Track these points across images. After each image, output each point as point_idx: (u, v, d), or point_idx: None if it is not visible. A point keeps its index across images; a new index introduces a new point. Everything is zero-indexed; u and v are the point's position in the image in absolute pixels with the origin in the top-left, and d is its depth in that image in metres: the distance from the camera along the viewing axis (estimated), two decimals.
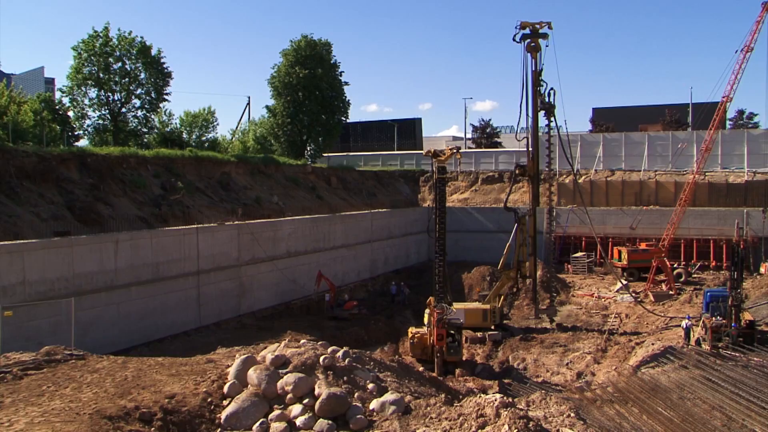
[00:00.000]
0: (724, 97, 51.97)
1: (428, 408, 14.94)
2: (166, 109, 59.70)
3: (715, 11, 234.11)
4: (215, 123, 65.04)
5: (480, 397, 14.99)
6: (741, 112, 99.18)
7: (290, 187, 54.20)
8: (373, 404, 15.09)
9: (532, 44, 42.06)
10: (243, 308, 41.24)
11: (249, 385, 15.58)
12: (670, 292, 52.09)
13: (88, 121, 51.91)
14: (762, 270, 57.11)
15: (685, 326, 38.76)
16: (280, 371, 15.77)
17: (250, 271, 41.84)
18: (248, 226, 41.99)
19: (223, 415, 14.66)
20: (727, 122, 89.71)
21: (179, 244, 36.52)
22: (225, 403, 15.22)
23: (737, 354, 30.82)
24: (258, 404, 14.84)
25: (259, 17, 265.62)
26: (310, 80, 63.27)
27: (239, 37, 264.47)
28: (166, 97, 54.11)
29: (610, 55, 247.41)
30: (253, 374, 15.63)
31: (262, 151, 64.99)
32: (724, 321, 33.68)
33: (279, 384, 15.26)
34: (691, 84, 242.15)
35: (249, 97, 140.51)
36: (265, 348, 18.95)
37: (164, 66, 53.03)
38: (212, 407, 15.05)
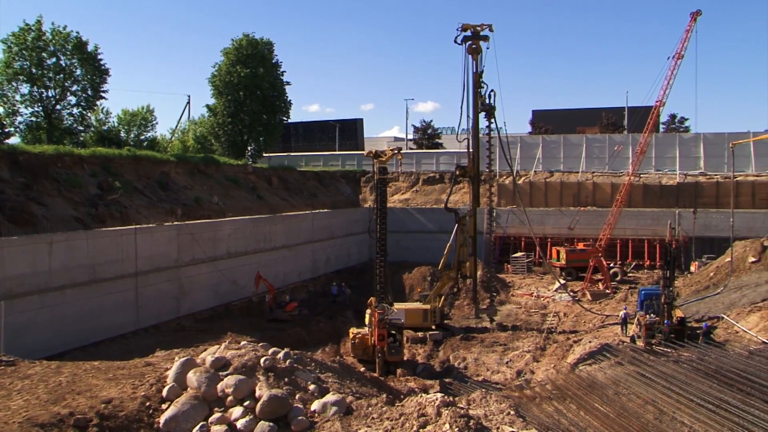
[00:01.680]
0: (657, 102, 53.51)
1: (370, 408, 14.96)
2: (103, 107, 58.44)
3: (649, 18, 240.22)
4: (154, 122, 63.77)
5: (421, 396, 15.09)
6: (673, 117, 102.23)
7: (231, 187, 53.61)
8: (315, 405, 15.06)
9: (473, 46, 42.42)
10: (183, 310, 40.63)
11: (188, 388, 15.37)
12: (607, 291, 53.23)
13: (19, 118, 50.28)
14: (692, 268, 58.82)
15: (622, 315, 40.30)
16: (221, 373, 15.60)
17: (189, 272, 41.25)
18: (188, 226, 41.40)
19: (162, 419, 14.43)
20: (661, 126, 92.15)
21: (117, 245, 35.77)
22: (164, 406, 14.97)
23: (669, 350, 31.75)
24: (198, 407, 14.66)
25: (200, 15, 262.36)
26: (251, 79, 62.66)
27: (179, 35, 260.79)
28: (103, 94, 52.82)
29: (549, 58, 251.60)
30: (192, 377, 15.43)
31: (202, 151, 64.13)
32: (657, 318, 34.63)
33: (219, 386, 15.10)
34: (627, 88, 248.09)
35: (189, 96, 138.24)
36: (205, 350, 18.71)
37: (101, 62, 51.77)
38: (151, 411, 14.80)
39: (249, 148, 67.96)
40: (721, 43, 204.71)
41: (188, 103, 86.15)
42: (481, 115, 43.14)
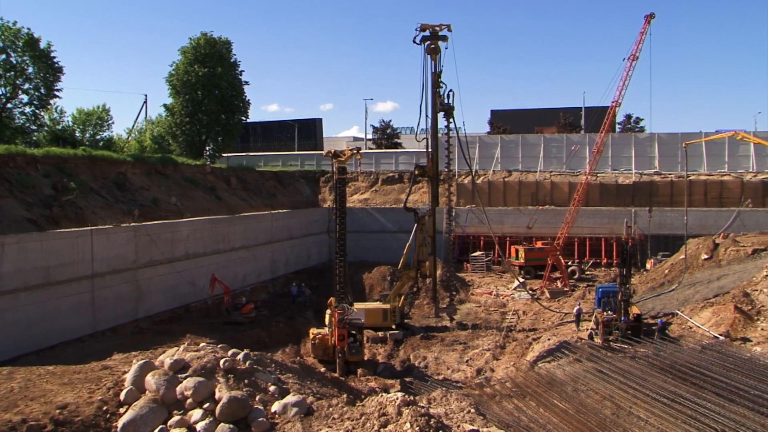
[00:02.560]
0: (613, 102, 54.32)
1: (330, 409, 14.97)
2: (57, 106, 57.37)
3: (606, 20, 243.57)
4: (110, 121, 62.69)
5: (382, 396, 15.13)
6: (629, 117, 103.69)
7: (189, 187, 53.03)
8: (275, 406, 15.02)
9: (432, 46, 42.57)
10: (140, 312, 40.07)
11: (147, 391, 15.23)
12: (565, 289, 53.88)
13: None
14: (648, 266, 59.87)
15: (576, 311, 41.39)
16: (180, 376, 15.48)
17: (147, 274, 40.70)
18: (145, 227, 40.87)
19: (120, 423, 14.27)
20: (617, 126, 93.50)
21: (72, 246, 35.11)
22: (121, 410, 14.80)
23: (626, 346, 32.25)
24: (156, 410, 14.52)
25: (157, 13, 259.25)
26: (209, 79, 62.04)
27: (136, 33, 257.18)
28: (56, 93, 51.91)
29: (507, 59, 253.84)
30: (151, 380, 15.27)
31: (159, 151, 63.31)
32: (614, 315, 35.13)
33: (178, 389, 14.98)
34: (584, 89, 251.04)
35: (146, 95, 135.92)
36: (164, 352, 18.55)
37: (54, 60, 50.84)
38: (108, 416, 14.61)
39: (207, 148, 67.32)
40: (674, 45, 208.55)
41: (145, 102, 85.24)
42: (440, 114, 43.31)
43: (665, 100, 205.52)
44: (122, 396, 15.19)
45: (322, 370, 31.50)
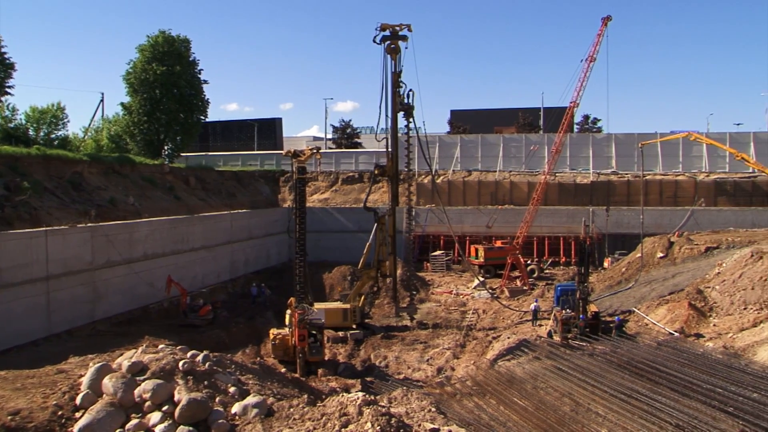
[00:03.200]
0: (571, 103, 54.96)
1: (291, 409, 14.91)
2: (9, 104, 56.15)
3: (564, 21, 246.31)
4: (65, 120, 61.42)
5: (342, 396, 15.12)
6: (587, 117, 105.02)
7: (147, 187, 52.36)
8: (235, 408, 14.92)
9: (392, 46, 42.60)
10: (98, 314, 39.41)
11: (104, 395, 15.00)
12: (524, 288, 54.36)
13: None
14: (606, 264, 60.74)
15: (533, 308, 42.25)
16: (138, 378, 15.29)
17: (104, 275, 40.05)
18: (102, 228, 40.23)
19: (76, 428, 14.01)
20: (575, 126, 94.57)
21: (26, 248, 34.38)
22: (77, 415, 14.55)
23: (584, 344, 32.68)
24: (114, 414, 14.30)
25: (113, 10, 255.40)
26: (167, 77, 61.27)
27: (92, 31, 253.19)
28: (8, 90, 50.89)
29: (467, 59, 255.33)
30: (108, 383, 15.05)
31: (117, 151, 62.38)
32: (572, 313, 35.57)
33: (136, 392, 14.79)
34: (543, 89, 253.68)
35: (103, 94, 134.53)
36: (122, 355, 18.31)
37: (5, 56, 49.80)
38: (63, 421, 14.35)
39: (166, 147, 66.51)
40: (630, 47, 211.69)
41: (102, 101, 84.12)
42: (400, 114, 43.38)
43: (622, 101, 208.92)
44: (78, 400, 14.93)
45: (283, 370, 31.34)
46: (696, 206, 66.64)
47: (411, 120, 43.42)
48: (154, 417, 14.26)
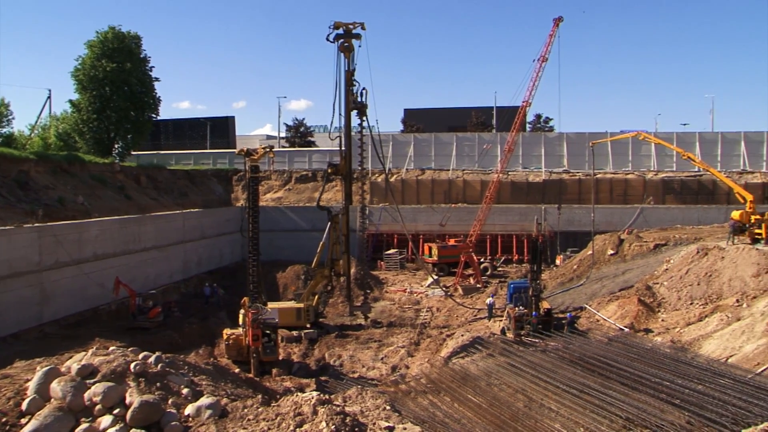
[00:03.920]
0: (524, 102, 55.53)
1: (245, 410, 14.81)
2: None
3: (517, 21, 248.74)
4: (10, 117, 60.31)
5: (297, 395, 15.06)
6: (539, 117, 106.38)
7: (97, 186, 51.45)
8: (189, 409, 14.76)
9: (346, 44, 42.51)
10: (45, 316, 38.56)
11: (52, 399, 14.66)
12: (478, 285, 54.76)
13: None
14: (558, 262, 61.47)
15: (488, 303, 42.90)
16: (88, 381, 15.00)
17: (53, 277, 39.22)
18: (50, 228, 39.39)
19: None
20: (527, 125, 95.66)
21: None
22: (23, 421, 14.20)
23: (537, 340, 33.08)
24: (62, 419, 13.99)
25: (60, 4, 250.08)
26: (117, 74, 60.27)
27: (38, 25, 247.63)
28: None
29: (420, 58, 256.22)
30: (56, 387, 14.72)
31: (65, 149, 61.18)
32: (525, 310, 35.97)
33: (86, 395, 14.51)
34: (496, 89, 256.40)
35: (50, 90, 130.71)
36: (71, 358, 17.97)
37: None
38: (7, 428, 13.98)
39: (116, 145, 65.48)
40: (581, 48, 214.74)
41: (49, 97, 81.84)
42: (354, 113, 43.33)
43: (573, 100, 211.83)
44: (24, 406, 14.57)
45: (237, 370, 31.09)
46: (645, 204, 68.04)
47: (364, 118, 43.38)
48: (105, 420, 14.01)
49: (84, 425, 13.94)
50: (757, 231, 41.49)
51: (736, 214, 43.58)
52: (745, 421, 18.34)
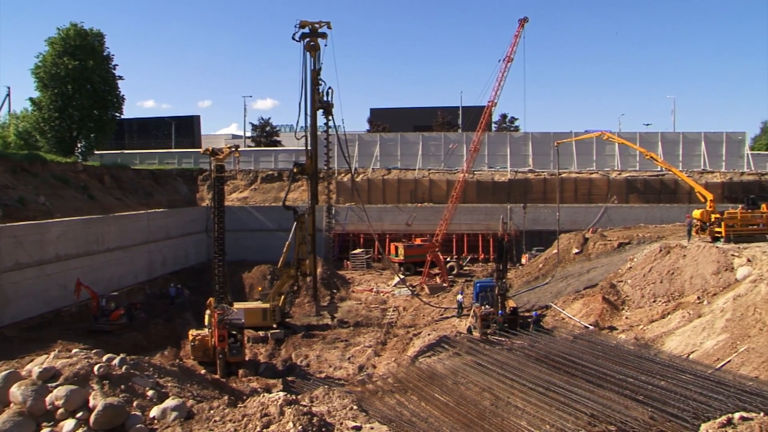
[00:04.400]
0: (489, 102, 55.96)
1: (211, 411, 14.70)
2: None
3: (482, 22, 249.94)
4: None
5: (264, 396, 14.99)
6: (504, 116, 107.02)
7: (59, 186, 50.67)
8: (154, 411, 14.59)
9: (312, 43, 42.44)
10: (5, 319, 37.82)
11: (12, 404, 14.36)
12: (444, 285, 55.00)
13: None
14: (523, 261, 61.98)
15: (459, 299, 43.45)
16: (49, 385, 14.73)
17: (13, 278, 38.52)
18: (10, 228, 38.71)
19: None
20: (493, 125, 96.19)
21: None
22: None
23: (503, 339, 33.25)
24: (22, 424, 13.70)
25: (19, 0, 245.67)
26: (80, 72, 59.44)
27: None
28: None
29: (387, 58, 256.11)
30: (16, 391, 14.41)
31: (25, 148, 60.22)
32: (491, 309, 36.15)
33: (48, 399, 14.24)
34: (462, 89, 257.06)
35: (9, 88, 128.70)
36: (32, 361, 17.69)
37: None
38: None
39: (79, 144, 64.59)
40: (547, 48, 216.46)
41: (8, 95, 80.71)
42: (319, 112, 43.29)
43: (539, 100, 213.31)
44: None
45: (203, 372, 30.90)
46: (609, 203, 68.92)
47: (330, 118, 43.40)
48: (68, 425, 13.77)
49: (45, 430, 13.70)
50: (717, 229, 42.20)
51: (697, 213, 44.29)
52: (705, 415, 18.61)
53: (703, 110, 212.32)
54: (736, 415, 16.35)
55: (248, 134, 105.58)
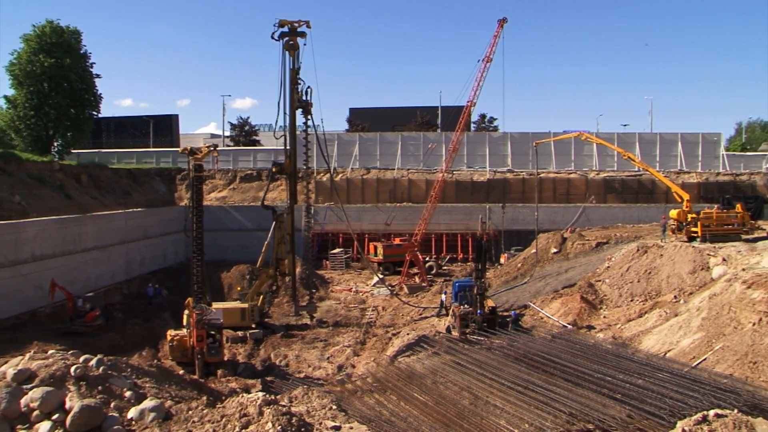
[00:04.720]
0: (468, 102, 56.16)
1: (190, 412, 14.65)
2: None
3: (462, 22, 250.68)
4: None
5: (242, 396, 14.97)
6: (483, 116, 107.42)
7: (35, 185, 50.13)
8: (132, 413, 14.51)
9: (291, 42, 42.37)
10: None
11: None
12: (423, 284, 55.05)
13: None
14: (502, 260, 62.21)
15: (442, 298, 43.61)
16: (25, 387, 14.60)
17: None
18: None
19: None
20: (472, 125, 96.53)
21: None
22: None
23: (482, 338, 33.37)
24: None
25: None
26: (56, 70, 58.82)
27: None
28: None
29: (366, 58, 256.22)
30: None
31: (0, 146, 59.56)
32: (470, 308, 36.26)
33: (23, 401, 14.11)
34: (441, 88, 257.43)
35: None
36: (7, 362, 17.52)
37: None
38: None
39: (55, 143, 63.97)
40: (525, 48, 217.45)
41: None
42: (298, 111, 43.23)
43: (517, 100, 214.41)
44: None
45: (181, 372, 30.72)
46: (587, 203, 69.35)
47: (309, 117, 43.37)
48: (43, 427, 13.66)
49: None
50: (693, 229, 42.63)
51: (673, 213, 44.74)
52: (682, 412, 18.80)
53: (679, 111, 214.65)
54: (711, 412, 16.57)
55: (227, 133, 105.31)
